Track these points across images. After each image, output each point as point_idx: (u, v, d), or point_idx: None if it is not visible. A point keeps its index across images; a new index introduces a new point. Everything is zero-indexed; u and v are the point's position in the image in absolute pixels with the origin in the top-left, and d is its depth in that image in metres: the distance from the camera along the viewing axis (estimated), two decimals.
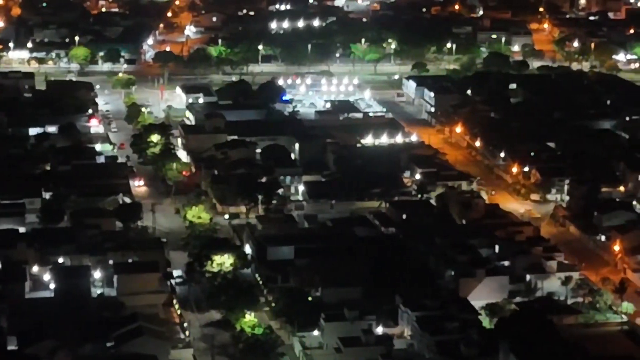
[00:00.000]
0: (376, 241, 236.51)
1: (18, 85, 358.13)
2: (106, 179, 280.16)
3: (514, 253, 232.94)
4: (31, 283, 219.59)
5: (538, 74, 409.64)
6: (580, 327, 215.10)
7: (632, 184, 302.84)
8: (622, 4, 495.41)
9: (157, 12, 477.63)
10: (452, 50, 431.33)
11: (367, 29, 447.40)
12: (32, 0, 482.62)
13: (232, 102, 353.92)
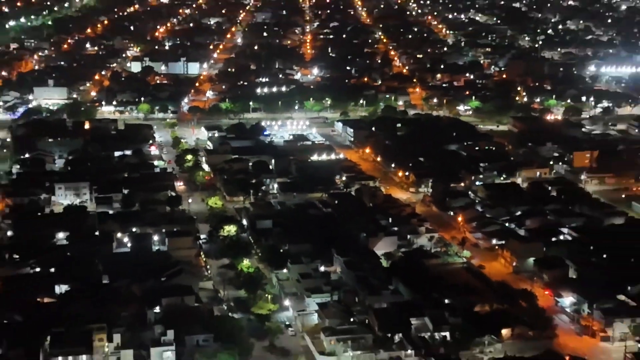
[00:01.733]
0: (320, 217, 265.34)
1: (108, 126, 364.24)
2: (160, 182, 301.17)
3: (400, 222, 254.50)
4: (116, 244, 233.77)
5: (414, 118, 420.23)
6: (439, 266, 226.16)
7: (468, 182, 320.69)
8: (462, 77, 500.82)
9: (190, 83, 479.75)
10: (363, 104, 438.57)
11: (313, 92, 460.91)
12: (116, 76, 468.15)
13: (234, 136, 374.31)
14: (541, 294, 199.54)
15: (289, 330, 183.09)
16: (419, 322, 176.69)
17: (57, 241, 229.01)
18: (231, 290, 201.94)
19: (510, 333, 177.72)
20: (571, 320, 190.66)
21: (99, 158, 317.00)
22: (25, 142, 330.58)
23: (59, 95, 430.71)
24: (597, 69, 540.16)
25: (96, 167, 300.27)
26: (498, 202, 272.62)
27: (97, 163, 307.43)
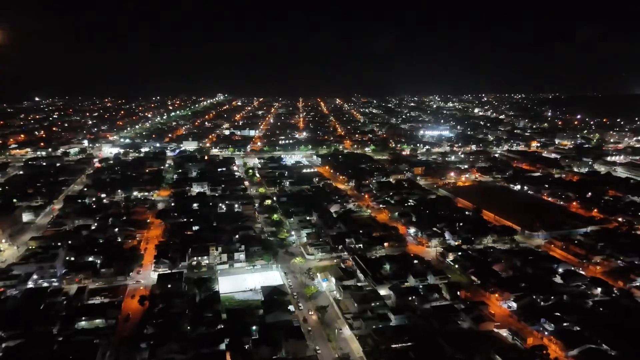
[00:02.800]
0: (308, 196, 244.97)
1: (216, 158, 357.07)
2: (237, 181, 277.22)
3: (341, 198, 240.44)
4: (218, 208, 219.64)
5: (346, 153, 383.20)
6: (357, 216, 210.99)
7: (369, 180, 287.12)
8: (367, 136, 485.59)
9: (250, 139, 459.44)
10: (325, 148, 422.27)
11: (303, 143, 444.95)
12: (218, 136, 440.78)
13: (269, 161, 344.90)
14: (401, 228, 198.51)
15: (294, 245, 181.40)
16: (349, 240, 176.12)
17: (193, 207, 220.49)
18: (268, 227, 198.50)
19: (388, 245, 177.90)
20: (414, 238, 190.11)
21: (211, 171, 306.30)
22: (179, 165, 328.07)
23: (193, 145, 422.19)
24: (424, 132, 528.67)
25: (210, 175, 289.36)
26: (382, 188, 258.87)
27: (211, 173, 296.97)
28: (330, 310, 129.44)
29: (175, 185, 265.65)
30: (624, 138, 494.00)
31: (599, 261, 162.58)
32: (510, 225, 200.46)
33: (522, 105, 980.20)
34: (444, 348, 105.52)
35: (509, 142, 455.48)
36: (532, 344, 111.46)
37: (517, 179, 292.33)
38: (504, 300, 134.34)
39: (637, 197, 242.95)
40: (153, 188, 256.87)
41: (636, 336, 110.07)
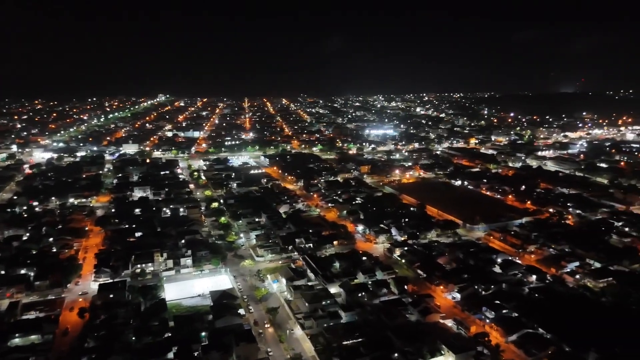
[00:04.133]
0: (256, 197, 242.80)
1: (158, 161, 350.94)
2: (182, 184, 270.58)
3: (290, 198, 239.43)
4: (163, 213, 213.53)
5: (294, 153, 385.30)
6: (307, 216, 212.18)
7: (317, 180, 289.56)
8: (314, 135, 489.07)
9: (194, 140, 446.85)
10: (272, 148, 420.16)
11: (250, 143, 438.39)
12: (160, 138, 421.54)
13: (215, 163, 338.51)
14: (350, 226, 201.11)
15: (243, 247, 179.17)
16: (299, 240, 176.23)
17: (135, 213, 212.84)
18: (216, 231, 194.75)
19: (337, 243, 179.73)
20: (362, 236, 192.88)
21: (154, 174, 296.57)
22: (119, 169, 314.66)
23: (134, 148, 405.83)
24: (369, 131, 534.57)
25: (153, 179, 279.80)
26: (331, 187, 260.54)
27: (153, 177, 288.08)
28: (282, 311, 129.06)
29: (115, 190, 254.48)
30: (553, 134, 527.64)
31: (533, 250, 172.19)
32: (452, 219, 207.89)
33: (461, 104, 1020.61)
34: (393, 341, 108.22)
35: (450, 140, 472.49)
36: (475, 332, 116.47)
37: (457, 174, 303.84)
38: (448, 291, 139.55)
39: (565, 189, 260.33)
40: (91, 194, 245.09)
41: (568, 319, 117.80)
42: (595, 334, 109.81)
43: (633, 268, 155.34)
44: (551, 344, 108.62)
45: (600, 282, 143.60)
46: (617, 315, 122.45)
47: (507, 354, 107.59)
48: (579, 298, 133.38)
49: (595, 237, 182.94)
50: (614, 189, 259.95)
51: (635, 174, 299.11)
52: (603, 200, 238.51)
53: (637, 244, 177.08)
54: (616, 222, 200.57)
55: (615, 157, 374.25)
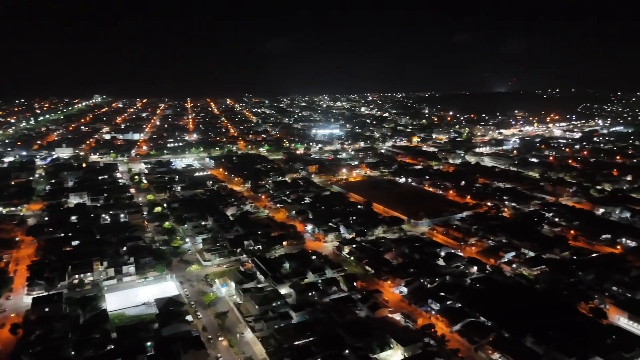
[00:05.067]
0: (202, 200, 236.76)
1: (95, 165, 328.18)
2: (122, 189, 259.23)
3: (238, 200, 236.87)
4: (102, 219, 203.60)
5: (241, 154, 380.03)
6: (255, 218, 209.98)
7: (265, 180, 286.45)
8: (261, 136, 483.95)
9: (134, 143, 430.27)
10: (217, 149, 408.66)
11: (194, 145, 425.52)
12: (98, 141, 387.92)
13: (158, 165, 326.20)
14: (299, 226, 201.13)
15: (189, 252, 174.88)
16: (248, 242, 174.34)
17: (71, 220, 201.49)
18: (160, 236, 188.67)
19: (287, 243, 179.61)
20: (311, 235, 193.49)
21: (91, 179, 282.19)
22: (52, 175, 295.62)
23: (68, 152, 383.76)
24: (316, 131, 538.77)
25: (90, 184, 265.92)
26: (279, 188, 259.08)
27: (90, 182, 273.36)
28: (231, 315, 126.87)
29: (48, 197, 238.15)
30: (489, 131, 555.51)
31: (473, 242, 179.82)
32: (398, 215, 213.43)
33: (403, 103, 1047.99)
34: (343, 338, 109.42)
35: (393, 138, 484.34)
36: (422, 324, 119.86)
37: (401, 172, 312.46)
38: (395, 286, 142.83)
39: (501, 184, 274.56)
40: (21, 202, 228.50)
41: (507, 306, 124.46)
42: (531, 319, 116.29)
43: (563, 256, 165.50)
44: (492, 331, 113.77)
45: (534, 270, 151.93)
46: (550, 301, 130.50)
47: (452, 343, 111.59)
48: (515, 286, 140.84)
49: (528, 227, 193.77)
50: (544, 182, 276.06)
51: (563, 167, 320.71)
52: (535, 193, 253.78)
53: (566, 233, 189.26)
54: (547, 213, 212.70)
55: (544, 152, 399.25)
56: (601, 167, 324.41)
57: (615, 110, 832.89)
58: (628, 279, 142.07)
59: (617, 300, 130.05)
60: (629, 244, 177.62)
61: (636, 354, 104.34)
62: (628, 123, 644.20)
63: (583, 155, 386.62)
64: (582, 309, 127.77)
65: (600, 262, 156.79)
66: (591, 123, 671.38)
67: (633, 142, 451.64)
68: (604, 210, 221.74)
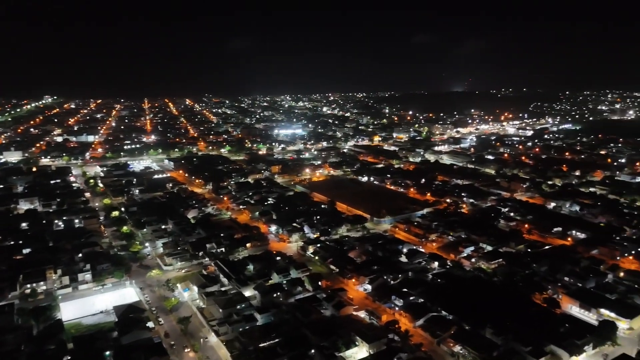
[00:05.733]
0: (161, 204, 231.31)
1: (47, 169, 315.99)
2: (77, 193, 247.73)
3: (199, 202, 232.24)
4: (55, 226, 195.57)
5: (201, 155, 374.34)
6: (218, 220, 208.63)
7: (227, 182, 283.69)
8: (222, 137, 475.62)
9: (89, 145, 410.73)
10: (177, 151, 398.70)
11: (153, 146, 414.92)
12: (48, 144, 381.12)
13: (115, 168, 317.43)
14: (263, 227, 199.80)
15: (149, 257, 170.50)
16: (210, 245, 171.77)
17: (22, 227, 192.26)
18: (118, 241, 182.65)
19: (250, 245, 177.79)
20: (275, 236, 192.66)
21: (42, 184, 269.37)
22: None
23: (17, 156, 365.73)
24: (278, 131, 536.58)
25: (42, 189, 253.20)
26: (241, 189, 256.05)
27: (42, 187, 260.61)
28: (194, 320, 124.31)
29: None
30: (447, 130, 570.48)
31: (434, 239, 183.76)
32: (361, 214, 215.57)
33: (364, 103, 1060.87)
34: (309, 338, 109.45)
35: (355, 138, 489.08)
36: (386, 320, 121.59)
37: (364, 171, 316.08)
38: (360, 284, 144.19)
39: (459, 180, 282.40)
40: None
41: (467, 300, 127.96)
42: (490, 311, 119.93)
43: (518, 249, 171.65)
44: (453, 324, 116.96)
45: (492, 264, 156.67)
46: (507, 292, 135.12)
47: (416, 338, 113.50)
48: (475, 279, 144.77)
49: (486, 223, 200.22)
50: (500, 179, 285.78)
51: (517, 164, 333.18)
52: (491, 189, 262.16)
53: (521, 227, 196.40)
54: (503, 209, 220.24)
55: (499, 149, 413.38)
56: (552, 163, 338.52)
57: (564, 109, 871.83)
58: (578, 269, 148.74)
59: (569, 290, 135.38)
60: (578, 236, 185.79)
61: (587, 340, 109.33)
62: (575, 121, 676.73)
63: (535, 152, 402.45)
64: (536, 300, 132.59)
65: (552, 254, 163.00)
66: (542, 121, 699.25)
67: (580, 139, 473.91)
68: (555, 204, 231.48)
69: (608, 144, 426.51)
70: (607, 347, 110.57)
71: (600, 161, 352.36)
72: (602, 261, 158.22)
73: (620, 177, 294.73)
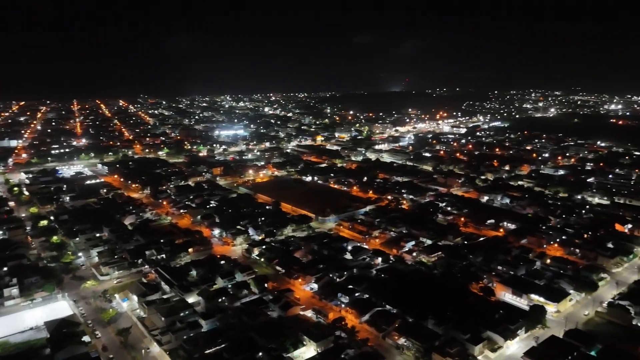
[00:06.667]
0: (95, 210, 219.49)
1: None
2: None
3: (137, 208, 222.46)
4: None
5: (138, 159, 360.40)
6: (158, 225, 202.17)
7: (166, 185, 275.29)
8: (159, 138, 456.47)
9: (12, 151, 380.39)
10: (113, 154, 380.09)
11: (84, 150, 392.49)
12: None
13: (42, 175, 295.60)
14: (205, 231, 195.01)
15: (83, 267, 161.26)
16: (150, 251, 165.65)
17: None
18: (47, 252, 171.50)
19: (193, 250, 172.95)
20: (219, 239, 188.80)
21: None
22: None
23: None
24: (219, 132, 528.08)
25: None
26: (182, 193, 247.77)
27: None
28: (135, 331, 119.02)
29: None
30: (386, 129, 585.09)
31: (377, 235, 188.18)
32: (305, 213, 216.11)
33: (306, 103, 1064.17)
34: (256, 341, 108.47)
35: (298, 138, 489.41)
36: (333, 318, 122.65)
37: (307, 171, 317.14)
38: (306, 283, 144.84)
39: (399, 178, 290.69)
40: None
41: (409, 293, 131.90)
42: (431, 302, 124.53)
43: (456, 242, 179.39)
44: (397, 318, 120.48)
45: (432, 257, 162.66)
46: (447, 284, 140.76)
47: (362, 333, 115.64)
48: (416, 273, 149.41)
49: (425, 217, 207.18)
50: (437, 175, 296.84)
51: (452, 160, 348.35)
52: (429, 185, 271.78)
53: (458, 221, 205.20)
54: (440, 203, 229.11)
55: (436, 147, 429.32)
56: (484, 159, 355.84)
57: (493, 107, 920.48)
58: (510, 258, 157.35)
59: (502, 278, 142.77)
60: (509, 227, 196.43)
61: (520, 325, 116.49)
62: (504, 118, 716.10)
63: (469, 148, 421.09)
64: (473, 289, 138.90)
65: (486, 245, 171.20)
66: (474, 119, 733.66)
67: (509, 135, 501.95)
68: (487, 197, 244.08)
69: (533, 140, 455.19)
70: (538, 330, 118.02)
71: (527, 156, 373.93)
72: (531, 249, 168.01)
73: (544, 171, 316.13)
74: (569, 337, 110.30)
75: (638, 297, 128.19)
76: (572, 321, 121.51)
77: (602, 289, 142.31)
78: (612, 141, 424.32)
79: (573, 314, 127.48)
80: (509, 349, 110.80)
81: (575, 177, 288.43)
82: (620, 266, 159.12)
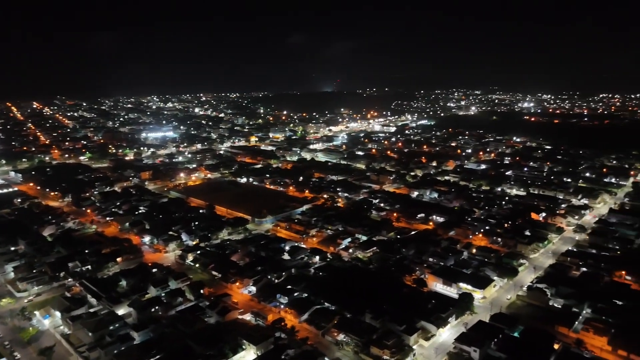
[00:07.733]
0: (6, 222, 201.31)
1: None
2: None
3: (57, 217, 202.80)
4: None
5: (56, 165, 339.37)
6: (83, 234, 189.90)
7: (90, 192, 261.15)
8: (80, 143, 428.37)
9: None
10: (27, 160, 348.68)
11: None
12: None
13: None
14: (135, 238, 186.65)
15: None
16: (73, 263, 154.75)
17: None
18: None
19: (122, 259, 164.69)
20: (150, 246, 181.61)
21: None
22: None
23: None
24: (146, 134, 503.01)
25: None
26: (107, 199, 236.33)
27: None
28: (59, 349, 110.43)
29: None
30: (320, 129, 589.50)
31: (314, 234, 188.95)
32: (242, 215, 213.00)
33: (238, 103, 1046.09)
34: (193, 349, 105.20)
35: (231, 139, 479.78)
36: (272, 319, 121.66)
37: (242, 172, 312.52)
38: (244, 286, 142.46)
39: (334, 176, 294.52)
40: None
41: (347, 289, 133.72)
42: (368, 297, 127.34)
43: (389, 236, 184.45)
44: (336, 314, 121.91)
45: (367, 252, 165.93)
46: (382, 278, 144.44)
47: (302, 333, 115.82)
48: (353, 269, 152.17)
49: (360, 214, 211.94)
50: (370, 172, 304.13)
51: (384, 158, 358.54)
52: (363, 182, 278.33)
53: (390, 216, 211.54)
54: (374, 200, 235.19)
55: (368, 145, 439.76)
56: (413, 156, 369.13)
57: (420, 106, 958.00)
58: (440, 249, 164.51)
59: (433, 269, 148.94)
60: (438, 220, 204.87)
61: (450, 313, 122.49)
62: (430, 117, 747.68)
63: (398, 146, 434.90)
64: (407, 281, 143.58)
65: (418, 238, 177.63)
66: (403, 118, 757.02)
67: (435, 133, 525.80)
68: (417, 193, 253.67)
69: (457, 137, 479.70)
70: (467, 316, 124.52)
71: (452, 152, 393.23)
72: (459, 240, 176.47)
73: (468, 166, 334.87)
74: (495, 320, 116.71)
75: (553, 279, 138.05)
76: (497, 306, 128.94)
77: (522, 274, 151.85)
78: (526, 136, 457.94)
79: (497, 299, 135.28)
80: (441, 336, 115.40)
81: (495, 171, 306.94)
82: (536, 252, 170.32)
